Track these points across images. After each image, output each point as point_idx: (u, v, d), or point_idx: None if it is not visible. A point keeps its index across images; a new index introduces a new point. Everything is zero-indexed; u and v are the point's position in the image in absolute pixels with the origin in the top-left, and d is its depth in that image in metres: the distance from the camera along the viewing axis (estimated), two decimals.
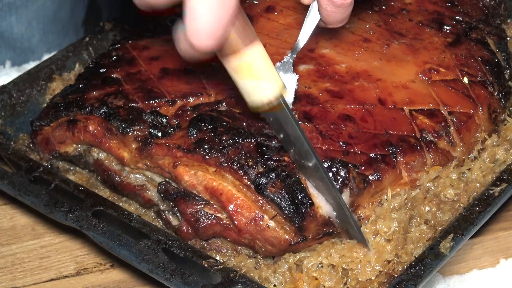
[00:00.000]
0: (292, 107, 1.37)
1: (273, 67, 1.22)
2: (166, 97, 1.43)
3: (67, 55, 1.70)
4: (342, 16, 1.35)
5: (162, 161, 1.37)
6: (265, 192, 1.29)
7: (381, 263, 1.30)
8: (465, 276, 1.45)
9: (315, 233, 1.31)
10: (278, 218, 1.30)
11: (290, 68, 1.39)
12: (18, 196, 1.42)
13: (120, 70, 1.50)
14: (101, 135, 1.43)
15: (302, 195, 1.29)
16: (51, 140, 1.49)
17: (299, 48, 1.40)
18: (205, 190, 1.34)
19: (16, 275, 1.46)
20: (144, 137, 1.38)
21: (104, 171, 1.45)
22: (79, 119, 1.45)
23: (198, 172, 1.34)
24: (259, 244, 1.32)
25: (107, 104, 1.43)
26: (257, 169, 1.30)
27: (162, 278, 1.27)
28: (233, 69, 1.21)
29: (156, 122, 1.39)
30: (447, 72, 1.51)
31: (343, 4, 1.32)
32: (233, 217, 1.31)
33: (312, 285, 1.29)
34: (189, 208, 1.35)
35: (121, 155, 1.42)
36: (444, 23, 1.62)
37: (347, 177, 1.32)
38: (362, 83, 1.47)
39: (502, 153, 1.46)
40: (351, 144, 1.36)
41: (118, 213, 1.37)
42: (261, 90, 1.22)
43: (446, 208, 1.37)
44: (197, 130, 1.35)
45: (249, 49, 1.18)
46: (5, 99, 1.61)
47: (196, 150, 1.33)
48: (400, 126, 1.41)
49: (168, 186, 1.38)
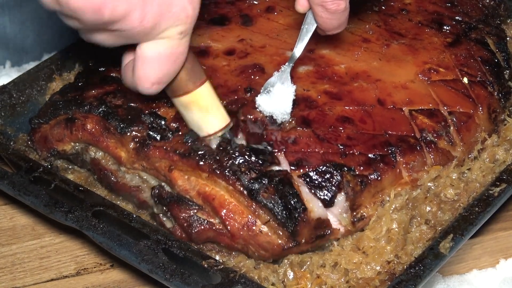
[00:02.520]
0: (290, 115, 1.38)
1: (219, 102, 1.31)
2: (166, 100, 1.43)
3: (67, 55, 1.70)
4: (338, 22, 1.34)
5: (159, 163, 1.37)
6: (258, 198, 1.29)
7: (381, 263, 1.30)
8: (465, 276, 1.45)
9: (308, 237, 1.31)
10: (271, 223, 1.30)
11: (288, 79, 1.39)
12: (18, 196, 1.42)
13: (120, 68, 1.50)
14: (99, 134, 1.43)
15: (295, 200, 1.29)
16: (49, 138, 1.49)
17: (295, 58, 1.40)
18: (198, 195, 1.34)
19: (16, 275, 1.46)
20: (142, 139, 1.38)
21: (101, 170, 1.45)
22: (77, 117, 1.45)
23: (191, 177, 1.34)
24: (252, 249, 1.32)
25: (105, 103, 1.43)
26: (249, 174, 1.30)
27: (162, 278, 1.27)
28: (181, 105, 1.31)
29: (155, 124, 1.39)
30: (446, 72, 1.51)
31: (337, 10, 1.31)
32: (225, 222, 1.31)
33: (315, 283, 1.29)
34: (182, 213, 1.35)
35: (118, 154, 1.42)
36: (443, 23, 1.62)
37: (341, 182, 1.32)
38: (361, 84, 1.47)
39: (502, 153, 1.46)
40: (350, 145, 1.36)
41: (118, 213, 1.37)
42: (209, 124, 1.32)
43: (447, 208, 1.37)
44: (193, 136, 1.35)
45: (198, 88, 1.28)
46: (5, 99, 1.61)
47: (191, 155, 1.33)
48: (400, 126, 1.41)
49: (161, 191, 1.38)
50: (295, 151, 1.34)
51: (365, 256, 1.30)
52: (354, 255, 1.30)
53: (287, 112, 1.38)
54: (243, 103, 1.41)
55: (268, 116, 1.38)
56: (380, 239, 1.31)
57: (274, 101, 1.38)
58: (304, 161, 1.33)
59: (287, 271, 1.32)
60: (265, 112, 1.38)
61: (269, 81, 1.41)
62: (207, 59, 1.52)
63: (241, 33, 1.58)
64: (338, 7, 1.31)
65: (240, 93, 1.43)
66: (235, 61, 1.51)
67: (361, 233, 1.34)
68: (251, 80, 1.46)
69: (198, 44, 1.55)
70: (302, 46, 1.39)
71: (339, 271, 1.30)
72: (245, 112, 1.39)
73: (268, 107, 1.38)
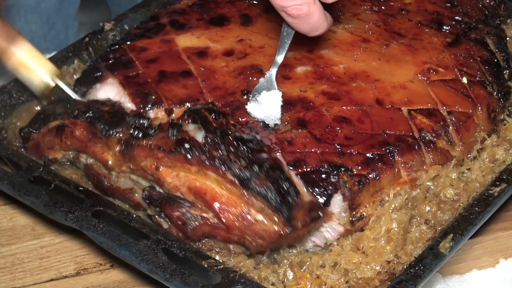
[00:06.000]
0: (281, 120, 1.39)
1: (41, 55, 1.50)
2: (164, 104, 1.43)
3: (67, 55, 1.70)
4: (309, 26, 1.32)
5: (144, 163, 1.37)
6: (250, 186, 1.28)
7: (381, 263, 1.30)
8: (464, 276, 1.45)
9: (303, 221, 1.30)
10: (266, 211, 1.29)
11: (273, 85, 1.40)
12: (18, 196, 1.42)
13: (118, 73, 1.50)
14: (87, 140, 1.43)
15: (287, 185, 1.29)
16: (41, 146, 1.50)
17: (278, 62, 1.41)
18: (189, 191, 1.33)
19: (16, 275, 1.46)
20: (127, 140, 1.38)
21: (94, 175, 1.46)
22: (67, 125, 1.46)
23: (180, 173, 1.34)
24: (249, 240, 1.31)
25: (92, 109, 1.43)
26: (239, 163, 1.30)
27: (162, 278, 1.27)
28: (11, 68, 1.49)
29: (138, 124, 1.39)
30: (446, 72, 1.51)
31: (300, 14, 1.29)
32: (220, 215, 1.31)
33: (315, 283, 1.29)
34: (174, 212, 1.34)
35: (105, 158, 1.42)
36: (443, 23, 1.62)
37: (338, 182, 1.32)
38: (360, 84, 1.47)
39: (501, 153, 1.46)
40: (347, 145, 1.36)
41: (118, 213, 1.37)
42: (38, 78, 1.50)
43: (446, 208, 1.37)
44: (177, 130, 1.35)
45: (16, 48, 1.44)
46: (5, 99, 1.61)
47: (177, 150, 1.33)
48: (398, 126, 1.41)
49: (151, 192, 1.38)
50: (292, 151, 1.34)
51: (365, 256, 1.30)
52: (353, 255, 1.31)
53: (277, 117, 1.39)
54: (237, 106, 1.41)
55: (261, 122, 1.39)
56: (379, 239, 1.31)
57: (262, 109, 1.39)
58: (301, 161, 1.33)
59: (287, 271, 1.32)
60: (256, 119, 1.39)
61: (256, 88, 1.42)
62: (206, 60, 1.52)
63: (241, 33, 1.58)
64: (300, 11, 1.29)
65: (237, 95, 1.44)
66: (234, 62, 1.51)
67: (361, 233, 1.34)
68: (249, 81, 1.46)
69: (197, 44, 1.55)
70: (284, 49, 1.40)
71: (339, 271, 1.30)
72: (239, 115, 1.39)
73: (258, 114, 1.39)
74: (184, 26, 1.60)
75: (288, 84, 1.46)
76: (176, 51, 1.54)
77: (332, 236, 1.36)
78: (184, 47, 1.55)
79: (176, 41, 1.57)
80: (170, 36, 1.58)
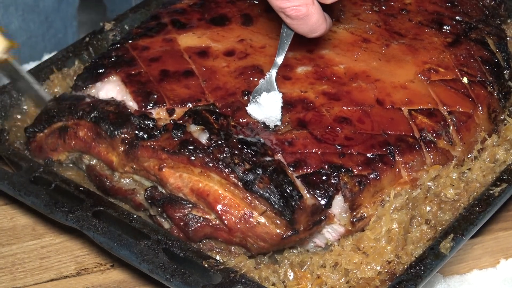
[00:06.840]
0: (281, 121, 1.39)
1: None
2: (165, 103, 1.43)
3: (67, 55, 1.70)
4: (308, 27, 1.31)
5: (148, 163, 1.37)
6: (253, 188, 1.29)
7: (381, 263, 1.30)
8: (465, 276, 1.45)
9: (305, 224, 1.31)
10: (268, 213, 1.29)
11: (273, 86, 1.40)
12: (18, 196, 1.42)
13: (120, 71, 1.50)
14: (91, 140, 1.43)
15: (290, 189, 1.29)
16: (44, 148, 1.50)
17: (278, 64, 1.40)
18: (191, 192, 1.34)
19: (17, 275, 1.46)
20: (131, 140, 1.38)
21: (96, 176, 1.46)
22: (70, 126, 1.45)
23: (183, 174, 1.34)
24: (250, 242, 1.32)
25: (98, 109, 1.43)
26: (243, 166, 1.30)
27: (163, 278, 1.27)
28: None
29: (143, 124, 1.39)
30: (446, 72, 1.51)
31: (298, 15, 1.29)
32: (222, 217, 1.31)
33: (315, 283, 1.29)
34: (176, 213, 1.34)
35: (110, 159, 1.42)
36: (444, 23, 1.62)
37: (338, 183, 1.32)
38: (360, 84, 1.47)
39: (502, 153, 1.47)
40: (348, 146, 1.36)
41: (118, 213, 1.37)
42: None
43: (447, 208, 1.38)
44: (181, 131, 1.35)
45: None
46: (5, 99, 1.61)
47: (181, 151, 1.33)
48: (398, 126, 1.41)
49: (154, 192, 1.38)
50: (292, 152, 1.34)
51: (366, 256, 1.30)
52: (354, 255, 1.31)
53: (278, 118, 1.39)
54: (238, 107, 1.41)
55: (261, 123, 1.39)
56: (380, 239, 1.31)
57: (263, 110, 1.39)
58: (302, 162, 1.33)
59: (288, 271, 1.32)
60: (257, 120, 1.39)
61: (256, 89, 1.42)
62: (207, 60, 1.52)
63: (241, 33, 1.58)
64: (298, 12, 1.29)
65: (238, 96, 1.44)
66: (235, 62, 1.51)
67: (361, 233, 1.34)
68: (250, 82, 1.46)
69: (198, 44, 1.55)
70: (283, 50, 1.40)
71: (340, 271, 1.30)
72: (239, 116, 1.39)
73: (258, 116, 1.39)
74: (186, 26, 1.60)
75: (288, 84, 1.46)
76: (178, 51, 1.54)
77: (333, 237, 1.36)
78: (186, 46, 1.55)
79: (178, 40, 1.56)
80: (172, 36, 1.57)
